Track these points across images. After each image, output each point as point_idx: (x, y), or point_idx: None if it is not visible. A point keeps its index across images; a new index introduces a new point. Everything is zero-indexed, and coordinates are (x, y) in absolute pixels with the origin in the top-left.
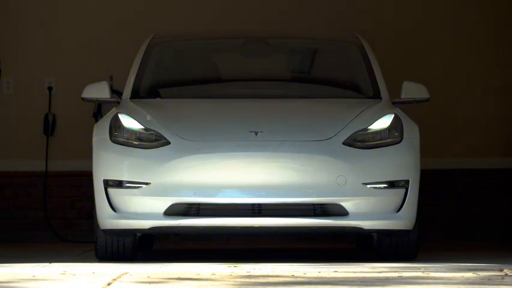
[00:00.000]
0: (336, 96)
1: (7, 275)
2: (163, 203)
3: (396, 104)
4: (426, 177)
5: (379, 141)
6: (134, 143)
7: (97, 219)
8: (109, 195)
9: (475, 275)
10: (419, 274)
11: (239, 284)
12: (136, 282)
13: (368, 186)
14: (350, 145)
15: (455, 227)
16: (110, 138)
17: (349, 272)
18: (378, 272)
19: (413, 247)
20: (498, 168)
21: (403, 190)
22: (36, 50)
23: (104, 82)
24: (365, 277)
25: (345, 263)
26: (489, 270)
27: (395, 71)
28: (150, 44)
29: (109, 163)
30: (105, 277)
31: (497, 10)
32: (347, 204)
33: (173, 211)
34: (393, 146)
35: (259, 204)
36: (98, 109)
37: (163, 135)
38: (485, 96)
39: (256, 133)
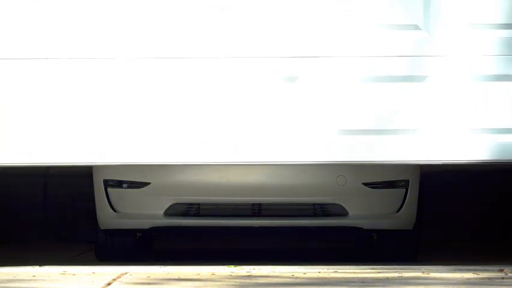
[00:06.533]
0: None
1: (7, 275)
2: (163, 203)
3: None
4: (426, 177)
5: None
6: None
7: (97, 219)
8: (109, 195)
9: (475, 275)
10: (419, 274)
11: (239, 285)
12: (136, 282)
13: (368, 186)
14: None
15: (455, 227)
16: None
17: (349, 272)
18: (378, 272)
19: (413, 247)
20: (498, 168)
21: (403, 190)
22: None
23: None
24: (365, 277)
25: (345, 263)
26: (489, 270)
27: None
28: None
29: None
30: (105, 277)
31: None
32: (347, 204)
33: (173, 211)
34: None
35: (259, 204)
36: None
37: None
38: None
39: None
